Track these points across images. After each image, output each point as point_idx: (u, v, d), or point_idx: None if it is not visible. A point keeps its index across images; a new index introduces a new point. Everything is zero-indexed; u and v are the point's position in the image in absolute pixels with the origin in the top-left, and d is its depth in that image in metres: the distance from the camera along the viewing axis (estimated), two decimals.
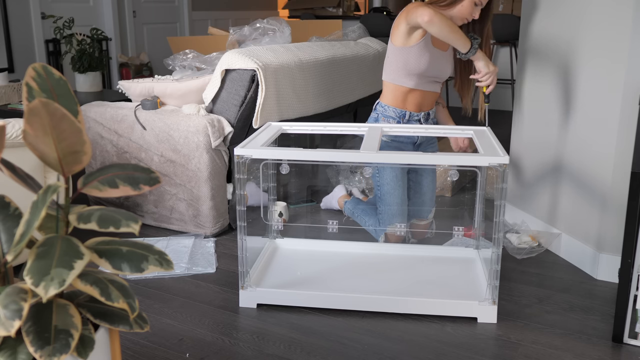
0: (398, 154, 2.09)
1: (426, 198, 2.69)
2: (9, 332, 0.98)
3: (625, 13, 2.23)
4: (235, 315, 2.12)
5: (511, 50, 6.03)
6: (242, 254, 2.12)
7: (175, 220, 2.89)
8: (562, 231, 2.64)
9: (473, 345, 1.93)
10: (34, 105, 1.01)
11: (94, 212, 1.15)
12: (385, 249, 2.51)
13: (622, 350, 1.91)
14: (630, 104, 2.26)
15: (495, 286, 2.04)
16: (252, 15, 7.72)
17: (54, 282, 1.00)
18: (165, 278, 2.41)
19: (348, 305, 2.12)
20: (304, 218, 3.14)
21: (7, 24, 5.00)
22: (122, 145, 2.91)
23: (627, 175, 2.29)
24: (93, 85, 4.27)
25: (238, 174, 2.06)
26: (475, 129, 2.34)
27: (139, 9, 6.31)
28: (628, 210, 1.84)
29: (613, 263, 2.36)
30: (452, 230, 2.34)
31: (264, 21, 3.48)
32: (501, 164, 1.92)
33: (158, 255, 1.18)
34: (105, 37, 4.68)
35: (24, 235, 1.05)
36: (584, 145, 2.49)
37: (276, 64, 2.85)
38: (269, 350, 1.90)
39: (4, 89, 3.69)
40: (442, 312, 2.09)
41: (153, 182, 1.19)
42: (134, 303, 1.14)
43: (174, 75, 3.14)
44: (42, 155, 1.10)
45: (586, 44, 2.44)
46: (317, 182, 3.48)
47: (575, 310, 2.17)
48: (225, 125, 2.77)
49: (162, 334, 2.00)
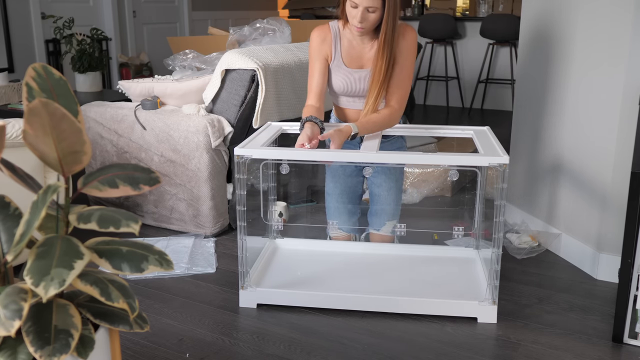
0: (398, 154, 2.09)
1: (378, 207, 2.42)
2: (9, 332, 0.98)
3: (626, 13, 2.23)
4: (235, 315, 2.12)
5: (511, 50, 6.03)
6: (242, 254, 2.12)
7: (175, 220, 2.89)
8: (562, 231, 2.64)
9: (473, 345, 1.93)
10: (34, 105, 1.01)
11: (94, 212, 1.14)
12: (385, 249, 2.51)
13: (622, 350, 1.91)
14: (630, 104, 2.26)
15: (495, 286, 2.03)
16: (252, 15, 7.72)
17: (54, 282, 1.00)
18: (165, 278, 2.41)
19: (348, 305, 2.12)
20: (304, 218, 3.14)
21: (7, 24, 5.00)
22: (122, 145, 2.91)
23: (627, 175, 2.28)
24: (93, 85, 4.27)
25: (238, 174, 2.06)
26: (475, 128, 2.34)
27: (139, 9, 6.31)
28: (628, 210, 1.84)
29: (613, 263, 2.36)
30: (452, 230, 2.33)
31: (264, 21, 3.48)
32: (501, 164, 1.92)
33: (158, 255, 1.18)
34: (105, 37, 4.68)
35: (24, 235, 1.05)
36: (584, 145, 2.49)
37: (276, 64, 2.85)
38: (269, 350, 1.90)
39: (4, 89, 3.69)
40: (442, 312, 2.09)
41: (153, 182, 1.19)
42: (134, 303, 1.14)
43: (174, 75, 3.14)
44: (42, 155, 1.10)
45: (586, 44, 2.44)
46: (317, 182, 3.48)
47: (575, 310, 2.17)
48: (225, 125, 2.77)
49: (162, 334, 2.00)
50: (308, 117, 2.12)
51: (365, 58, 2.21)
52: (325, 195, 2.48)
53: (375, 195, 2.43)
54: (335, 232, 2.50)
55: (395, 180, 2.39)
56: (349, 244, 2.53)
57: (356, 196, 2.47)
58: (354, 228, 2.51)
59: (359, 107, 2.27)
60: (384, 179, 2.38)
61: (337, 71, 2.23)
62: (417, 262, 2.42)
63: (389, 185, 2.39)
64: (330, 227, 2.50)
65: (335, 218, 2.46)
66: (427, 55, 6.61)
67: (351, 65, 2.22)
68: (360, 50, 2.21)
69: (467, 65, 6.54)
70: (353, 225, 2.49)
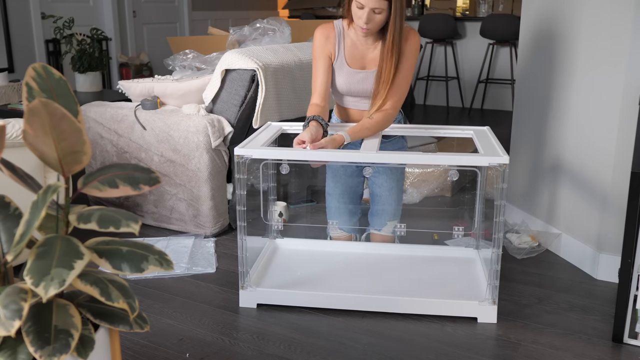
0: (398, 154, 2.09)
1: (379, 207, 2.43)
2: (9, 332, 0.98)
3: (626, 12, 2.23)
4: (235, 315, 2.12)
5: (511, 50, 6.03)
6: (242, 254, 2.12)
7: (175, 220, 2.89)
8: (562, 231, 2.64)
9: (473, 345, 1.93)
10: (34, 105, 1.01)
11: (94, 212, 1.14)
12: (385, 249, 2.51)
13: (622, 350, 1.91)
14: (630, 104, 2.26)
15: (495, 286, 2.03)
16: (252, 15, 7.72)
17: (54, 282, 1.00)
18: (165, 278, 2.41)
19: (348, 305, 2.12)
20: (304, 218, 3.14)
21: (7, 24, 5.00)
22: (122, 145, 2.91)
23: (627, 175, 2.28)
24: (93, 85, 4.27)
25: (238, 174, 2.06)
26: (475, 128, 2.34)
27: (139, 9, 6.31)
28: (628, 210, 1.84)
29: (613, 263, 2.36)
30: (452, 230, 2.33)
31: (264, 21, 3.48)
32: (501, 164, 1.92)
33: (158, 255, 1.18)
34: (105, 37, 4.68)
35: (24, 235, 1.05)
36: (584, 145, 2.49)
37: (276, 64, 2.85)
38: (269, 350, 1.90)
39: (4, 89, 3.68)
40: (442, 312, 2.09)
41: (153, 182, 1.19)
42: (134, 303, 1.14)
43: (174, 75, 3.14)
44: (42, 155, 1.10)
45: (586, 44, 2.44)
46: (317, 182, 3.48)
47: (575, 310, 2.17)
48: (225, 125, 2.77)
49: (162, 334, 2.00)
50: (314, 116, 2.12)
51: (368, 59, 2.21)
52: (326, 196, 2.49)
53: (376, 196, 2.42)
54: (336, 232, 2.50)
55: (397, 180, 2.38)
56: (349, 244, 2.53)
57: (357, 196, 2.48)
58: (354, 228, 2.51)
59: (362, 107, 2.27)
60: (385, 179, 2.38)
61: (339, 71, 2.22)
62: (417, 262, 2.42)
63: (390, 186, 2.38)
64: (331, 227, 2.50)
65: (336, 218, 2.47)
66: (427, 55, 6.61)
67: (354, 65, 2.21)
68: (363, 50, 2.20)
69: (467, 65, 6.54)
70: (354, 225, 2.49)
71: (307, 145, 2.00)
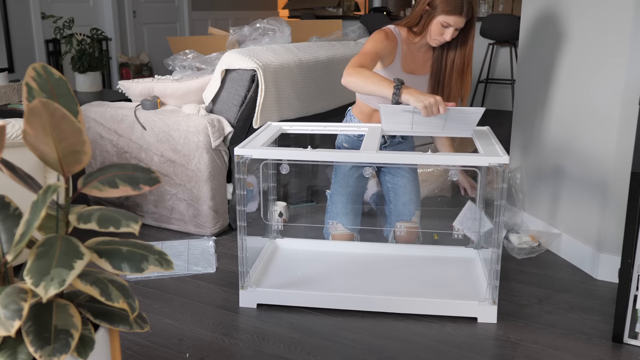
0: (398, 154, 2.09)
1: (406, 199, 2.56)
2: (9, 332, 0.98)
3: (626, 13, 2.23)
4: (235, 315, 2.12)
5: (511, 50, 6.03)
6: (242, 254, 2.12)
7: (175, 220, 2.89)
8: (562, 231, 2.64)
9: (473, 345, 1.93)
10: (34, 105, 1.01)
11: (94, 212, 1.15)
12: (385, 249, 2.51)
13: (622, 350, 1.91)
14: (630, 104, 2.26)
15: (495, 286, 2.03)
16: (252, 15, 7.72)
17: (54, 282, 1.00)
18: (165, 278, 2.41)
19: (348, 305, 2.12)
20: (304, 218, 3.14)
21: (7, 24, 5.00)
22: (122, 145, 2.91)
23: (627, 175, 2.28)
24: (93, 85, 4.27)
25: (238, 174, 2.06)
26: (475, 128, 2.34)
27: (139, 9, 6.31)
28: (628, 210, 1.84)
29: (613, 263, 2.36)
30: (452, 230, 2.33)
31: (264, 21, 3.48)
32: (501, 164, 1.92)
33: (158, 255, 1.18)
34: (105, 37, 4.69)
35: (24, 235, 1.05)
36: (584, 145, 2.49)
37: (276, 64, 2.85)
38: (269, 350, 1.90)
39: (4, 89, 3.68)
40: (442, 312, 2.09)
41: (153, 182, 1.19)
42: (134, 303, 1.14)
43: (174, 75, 3.14)
44: (42, 155, 1.10)
45: (586, 44, 2.44)
46: (317, 182, 3.48)
47: (575, 310, 2.17)
48: (225, 125, 2.77)
49: (162, 334, 2.00)
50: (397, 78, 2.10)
51: (419, 65, 2.43)
52: (332, 196, 2.53)
53: (399, 187, 2.57)
54: (337, 230, 2.52)
55: (413, 170, 2.60)
56: (349, 244, 2.54)
57: (362, 196, 2.61)
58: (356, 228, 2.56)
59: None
60: (403, 172, 2.56)
61: (390, 75, 2.32)
62: (417, 262, 2.42)
63: (411, 176, 2.58)
64: (331, 227, 2.52)
65: (342, 218, 2.52)
66: None
67: (406, 70, 2.41)
68: (417, 57, 2.41)
69: None
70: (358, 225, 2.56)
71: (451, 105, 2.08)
